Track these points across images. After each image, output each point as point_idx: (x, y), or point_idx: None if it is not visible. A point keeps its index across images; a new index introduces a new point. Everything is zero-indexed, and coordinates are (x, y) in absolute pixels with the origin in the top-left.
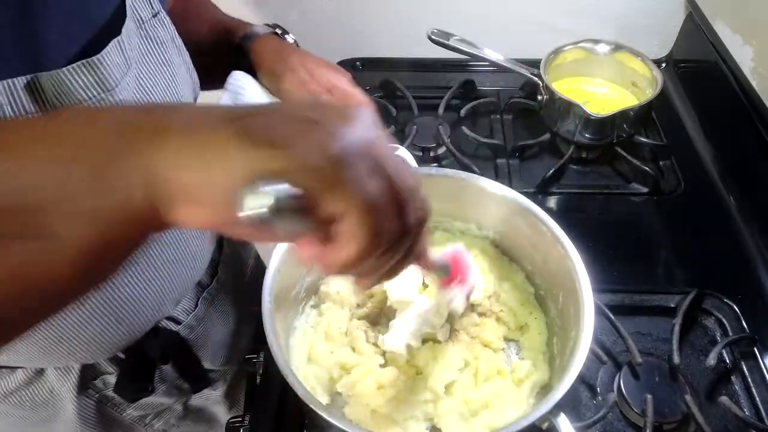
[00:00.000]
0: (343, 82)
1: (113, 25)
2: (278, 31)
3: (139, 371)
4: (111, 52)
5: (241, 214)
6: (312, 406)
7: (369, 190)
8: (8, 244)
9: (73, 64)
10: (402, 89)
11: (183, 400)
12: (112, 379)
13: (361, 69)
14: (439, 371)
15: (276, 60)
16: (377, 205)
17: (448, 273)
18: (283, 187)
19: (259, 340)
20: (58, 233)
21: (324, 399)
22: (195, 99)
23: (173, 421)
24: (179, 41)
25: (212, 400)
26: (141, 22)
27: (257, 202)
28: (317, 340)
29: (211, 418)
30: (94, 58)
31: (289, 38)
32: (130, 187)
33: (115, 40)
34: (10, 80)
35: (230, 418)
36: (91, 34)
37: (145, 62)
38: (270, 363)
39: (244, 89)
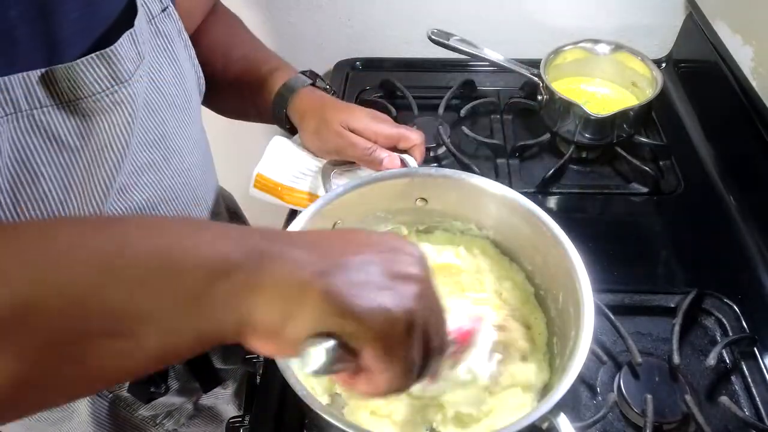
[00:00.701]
0: (387, 127)
1: (125, 20)
2: (318, 84)
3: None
4: (124, 44)
5: (299, 357)
6: (312, 406)
7: (410, 356)
8: (96, 342)
9: (87, 56)
10: (402, 89)
11: (194, 399)
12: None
13: (361, 69)
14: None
15: (319, 123)
16: (410, 366)
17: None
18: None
19: None
20: (142, 339)
21: (324, 399)
22: (201, 94)
23: (183, 420)
24: (185, 36)
25: (222, 399)
26: (151, 16)
27: (313, 354)
28: None
29: (220, 417)
30: (107, 49)
31: (326, 86)
32: (222, 319)
33: (128, 32)
34: (25, 73)
35: (230, 418)
36: (104, 28)
37: (155, 56)
38: (270, 363)
39: (285, 156)
